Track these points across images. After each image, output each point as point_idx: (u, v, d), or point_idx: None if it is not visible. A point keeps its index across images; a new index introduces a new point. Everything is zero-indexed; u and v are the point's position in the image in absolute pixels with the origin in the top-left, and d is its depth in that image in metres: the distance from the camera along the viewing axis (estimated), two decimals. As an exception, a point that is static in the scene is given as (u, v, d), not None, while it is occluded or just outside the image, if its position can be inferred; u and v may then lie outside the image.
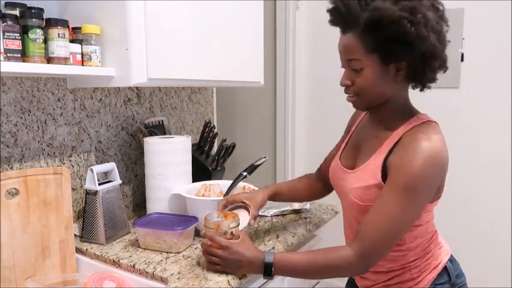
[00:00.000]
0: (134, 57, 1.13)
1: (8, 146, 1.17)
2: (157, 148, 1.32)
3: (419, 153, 0.87)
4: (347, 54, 0.95)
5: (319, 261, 0.94)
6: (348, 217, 1.09)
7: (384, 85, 0.95)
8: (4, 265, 0.98)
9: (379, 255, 0.93)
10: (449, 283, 1.03)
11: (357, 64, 0.93)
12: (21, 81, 1.19)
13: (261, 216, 1.47)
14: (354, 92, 0.97)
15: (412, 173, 0.87)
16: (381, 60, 0.91)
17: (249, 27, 1.56)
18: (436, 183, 0.92)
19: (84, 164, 1.38)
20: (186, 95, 1.80)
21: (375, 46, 0.90)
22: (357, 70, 0.94)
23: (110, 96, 1.45)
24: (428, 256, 1.02)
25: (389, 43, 0.88)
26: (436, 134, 0.91)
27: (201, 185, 1.40)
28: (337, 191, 1.12)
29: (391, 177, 0.91)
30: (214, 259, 1.01)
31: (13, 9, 1.00)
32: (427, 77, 0.94)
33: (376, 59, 0.91)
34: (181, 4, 1.24)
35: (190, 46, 1.29)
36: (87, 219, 1.23)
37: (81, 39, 1.14)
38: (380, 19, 0.86)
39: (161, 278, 1.03)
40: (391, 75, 0.93)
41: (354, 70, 0.95)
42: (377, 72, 0.92)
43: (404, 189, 0.88)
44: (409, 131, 0.94)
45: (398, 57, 0.90)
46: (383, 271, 1.03)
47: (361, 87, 0.95)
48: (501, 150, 1.95)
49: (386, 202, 0.90)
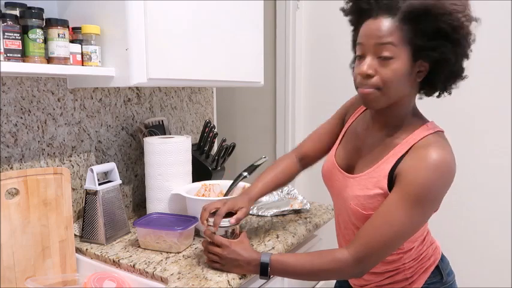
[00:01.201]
0: (134, 57, 1.13)
1: (8, 146, 1.17)
2: (157, 148, 1.32)
3: (434, 166, 0.82)
4: (379, 38, 0.83)
5: (314, 263, 0.93)
6: (343, 220, 1.05)
7: (406, 84, 0.86)
8: (4, 265, 0.98)
9: (377, 261, 0.91)
10: (441, 282, 1.03)
11: (389, 50, 0.82)
12: (21, 81, 1.19)
13: (261, 216, 1.47)
14: (374, 85, 0.86)
15: (426, 186, 0.83)
16: (413, 55, 0.83)
17: (249, 27, 1.56)
18: (445, 193, 0.88)
19: (84, 164, 1.38)
20: (186, 95, 1.80)
21: (412, 38, 0.82)
22: (386, 58, 0.83)
23: (110, 96, 1.45)
24: (422, 257, 1.02)
25: (430, 37, 0.80)
26: (448, 146, 0.87)
27: (201, 185, 1.40)
28: (331, 191, 1.07)
29: (401, 187, 0.86)
30: (214, 257, 1.02)
31: (13, 9, 1.00)
32: (445, 85, 0.88)
33: (408, 53, 0.83)
34: (181, 4, 1.24)
35: (190, 46, 1.29)
36: (87, 219, 1.23)
37: (81, 39, 1.14)
38: (430, 9, 0.78)
39: (161, 278, 1.03)
40: (414, 75, 0.86)
41: (382, 58, 0.84)
42: (405, 67, 0.83)
43: (416, 201, 0.83)
44: (421, 141, 0.88)
45: (430, 56, 0.83)
46: (377, 272, 1.03)
47: (386, 80, 0.84)
48: (501, 150, 1.95)
49: (392, 211, 0.85)
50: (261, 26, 1.62)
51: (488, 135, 1.96)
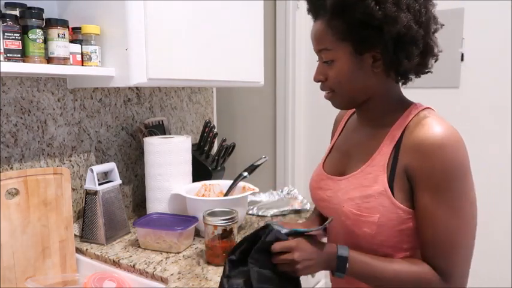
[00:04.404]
0: (134, 57, 1.13)
1: (8, 146, 1.17)
2: (157, 148, 1.32)
3: (441, 145, 0.75)
4: (317, 44, 0.85)
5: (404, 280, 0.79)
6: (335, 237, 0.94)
7: (362, 78, 0.83)
8: (4, 265, 0.98)
9: (464, 270, 0.80)
10: None
11: (327, 55, 0.83)
12: (21, 81, 1.19)
13: (261, 216, 1.47)
14: (329, 88, 0.86)
15: (448, 168, 0.75)
16: (354, 49, 0.81)
17: (249, 27, 1.56)
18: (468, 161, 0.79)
19: (84, 164, 1.38)
20: (186, 95, 1.80)
21: (345, 33, 0.80)
22: (328, 62, 0.84)
23: (109, 96, 1.45)
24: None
25: (359, 28, 0.78)
26: (441, 117, 0.81)
27: (201, 185, 1.40)
28: (321, 206, 0.96)
29: (428, 187, 0.77)
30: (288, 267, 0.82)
31: (13, 9, 1.00)
32: (404, 66, 0.80)
33: (348, 48, 0.81)
34: (181, 4, 1.24)
35: (190, 46, 1.29)
36: (87, 219, 1.23)
37: (81, 39, 1.14)
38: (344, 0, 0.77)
39: (161, 278, 1.03)
40: (367, 67, 0.82)
41: (326, 62, 0.84)
42: (350, 64, 0.82)
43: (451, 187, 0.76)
44: (415, 119, 0.82)
45: (371, 44, 0.79)
46: None
47: (334, 82, 0.84)
48: (501, 150, 1.95)
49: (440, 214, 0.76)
50: (261, 26, 1.62)
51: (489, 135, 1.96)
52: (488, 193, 1.99)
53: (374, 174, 0.83)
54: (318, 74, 0.87)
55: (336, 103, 0.90)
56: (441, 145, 0.76)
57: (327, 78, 0.86)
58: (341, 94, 0.86)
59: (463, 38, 1.97)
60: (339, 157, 0.96)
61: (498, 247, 1.99)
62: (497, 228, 1.98)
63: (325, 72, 0.86)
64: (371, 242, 0.84)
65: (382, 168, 0.82)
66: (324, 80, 0.87)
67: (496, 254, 1.99)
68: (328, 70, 0.85)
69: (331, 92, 0.87)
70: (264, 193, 1.66)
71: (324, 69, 0.86)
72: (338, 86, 0.85)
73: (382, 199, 0.81)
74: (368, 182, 0.83)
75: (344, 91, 0.86)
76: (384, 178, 0.81)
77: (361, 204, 0.83)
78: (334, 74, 0.84)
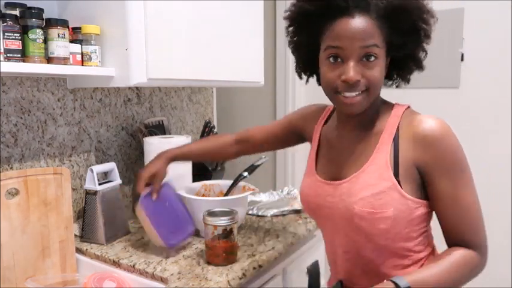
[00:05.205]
0: (134, 57, 1.13)
1: (8, 146, 1.17)
2: (158, 148, 1.31)
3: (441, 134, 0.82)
4: (364, 40, 0.79)
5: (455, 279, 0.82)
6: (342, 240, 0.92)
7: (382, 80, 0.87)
8: (4, 265, 0.98)
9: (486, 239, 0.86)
10: None
11: (375, 52, 0.81)
12: (21, 81, 1.19)
13: (261, 216, 1.47)
14: (364, 87, 0.83)
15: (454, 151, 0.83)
16: (386, 52, 0.84)
17: (249, 27, 1.56)
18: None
19: (84, 164, 1.38)
20: (186, 95, 1.80)
21: (389, 35, 0.82)
22: (370, 60, 0.81)
23: (109, 96, 1.45)
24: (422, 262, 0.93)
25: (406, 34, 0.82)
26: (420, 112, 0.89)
27: (201, 185, 1.40)
28: (320, 215, 0.95)
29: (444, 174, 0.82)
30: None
31: (13, 9, 1.00)
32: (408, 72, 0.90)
33: (385, 50, 0.84)
34: (181, 4, 1.24)
35: (190, 46, 1.29)
36: (87, 219, 1.22)
37: (81, 39, 1.14)
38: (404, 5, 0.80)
39: (161, 278, 1.03)
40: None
41: (367, 60, 0.81)
42: (384, 65, 0.85)
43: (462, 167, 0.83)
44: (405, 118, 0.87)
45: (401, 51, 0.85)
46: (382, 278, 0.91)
47: (373, 81, 0.82)
48: (501, 150, 1.95)
49: (464, 197, 0.83)
50: (261, 26, 1.62)
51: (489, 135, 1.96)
52: (488, 193, 1.99)
53: (379, 172, 0.85)
54: (357, 73, 0.81)
55: (360, 106, 0.84)
56: (442, 134, 0.82)
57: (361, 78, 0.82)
58: (373, 95, 0.85)
59: (463, 38, 1.97)
60: (327, 164, 0.96)
61: (498, 247, 1.98)
62: (497, 228, 1.97)
63: (362, 71, 0.82)
64: (386, 237, 0.86)
65: (385, 165, 0.85)
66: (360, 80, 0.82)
67: (496, 254, 1.99)
68: (366, 69, 0.81)
69: (364, 93, 0.83)
70: (264, 193, 1.66)
71: (361, 68, 0.81)
72: (374, 86, 0.83)
73: (392, 193, 0.83)
74: (374, 180, 0.85)
75: (376, 92, 0.85)
76: (390, 174, 0.84)
77: (374, 202, 0.84)
78: (375, 74, 0.82)
